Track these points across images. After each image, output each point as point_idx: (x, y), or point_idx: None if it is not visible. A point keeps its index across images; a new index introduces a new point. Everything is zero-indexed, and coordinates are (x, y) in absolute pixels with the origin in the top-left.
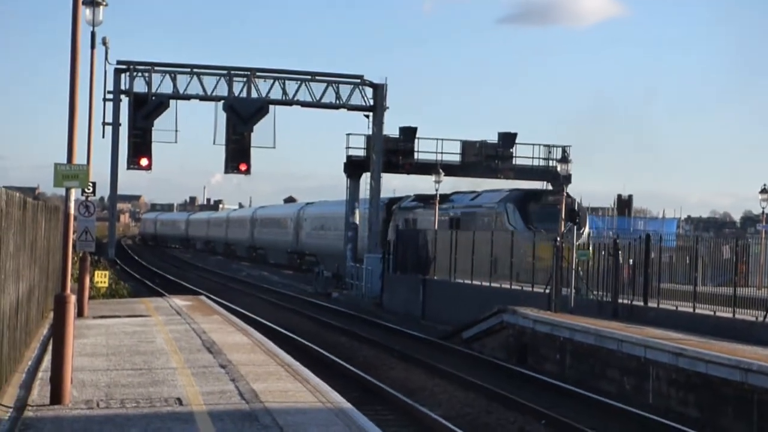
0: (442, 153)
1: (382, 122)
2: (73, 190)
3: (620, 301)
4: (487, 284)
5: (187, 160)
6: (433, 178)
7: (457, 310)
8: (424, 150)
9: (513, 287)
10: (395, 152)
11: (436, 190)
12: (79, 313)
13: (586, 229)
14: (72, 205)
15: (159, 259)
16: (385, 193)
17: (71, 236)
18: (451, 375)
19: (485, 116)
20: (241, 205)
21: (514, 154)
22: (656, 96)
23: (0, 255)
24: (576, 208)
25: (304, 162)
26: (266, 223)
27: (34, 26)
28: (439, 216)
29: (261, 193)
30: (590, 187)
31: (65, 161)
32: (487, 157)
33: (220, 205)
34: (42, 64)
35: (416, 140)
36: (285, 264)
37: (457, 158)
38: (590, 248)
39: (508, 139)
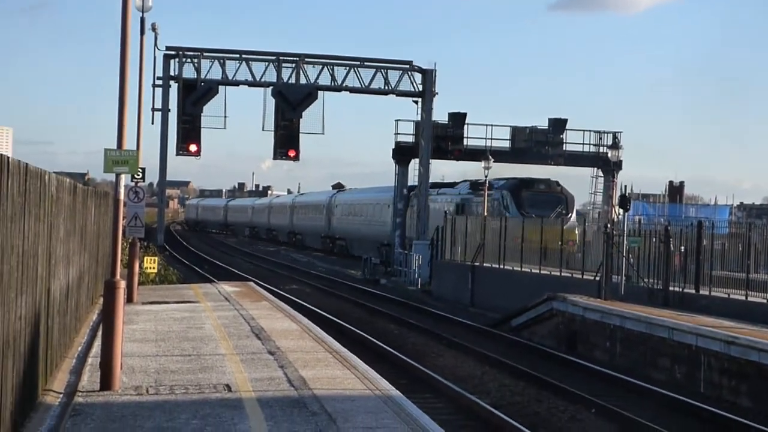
0: (491, 139)
1: (431, 108)
2: (122, 176)
3: (671, 288)
4: (537, 271)
5: (235, 146)
6: (482, 164)
7: (506, 297)
8: (473, 136)
9: (563, 274)
10: (444, 138)
11: (486, 176)
12: (129, 299)
13: (573, 216)
14: (122, 190)
15: (207, 244)
16: (434, 179)
17: (121, 222)
18: (500, 363)
19: (535, 102)
20: (289, 191)
21: (564, 140)
22: (708, 81)
23: (50, 240)
24: (563, 194)
25: (352, 148)
26: (303, 209)
27: (84, 13)
28: (446, 201)
29: (309, 179)
30: (641, 173)
31: (115, 147)
32: (537, 143)
33: (269, 191)
34: (91, 50)
35: (465, 126)
36: (320, 248)
37: (506, 144)
38: (631, 235)
39: (558, 125)
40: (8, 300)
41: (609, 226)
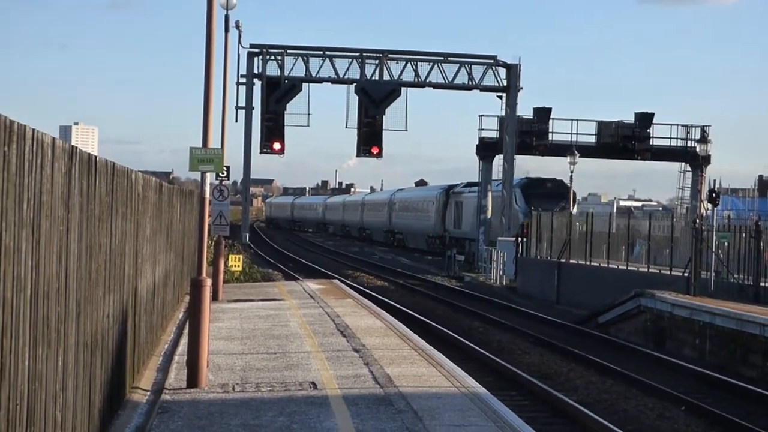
0: (576, 134)
1: (516, 103)
2: (207, 175)
3: (762, 284)
4: (624, 267)
5: (319, 143)
6: (567, 159)
7: (592, 294)
8: (558, 131)
9: (650, 270)
10: (529, 133)
11: (571, 172)
12: (214, 297)
13: (575, 210)
14: (207, 189)
15: (291, 242)
16: (519, 175)
17: (206, 220)
18: (587, 360)
19: (622, 96)
20: (372, 189)
21: (651, 135)
22: None
23: (137, 239)
24: (566, 191)
25: (436, 144)
26: (370, 206)
27: (170, 12)
28: (470, 199)
29: (393, 177)
30: (731, 167)
31: (200, 145)
32: (624, 138)
33: (352, 189)
34: (178, 50)
35: (550, 121)
36: (382, 241)
37: (592, 139)
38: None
39: (645, 119)
40: (96, 298)
41: (698, 221)
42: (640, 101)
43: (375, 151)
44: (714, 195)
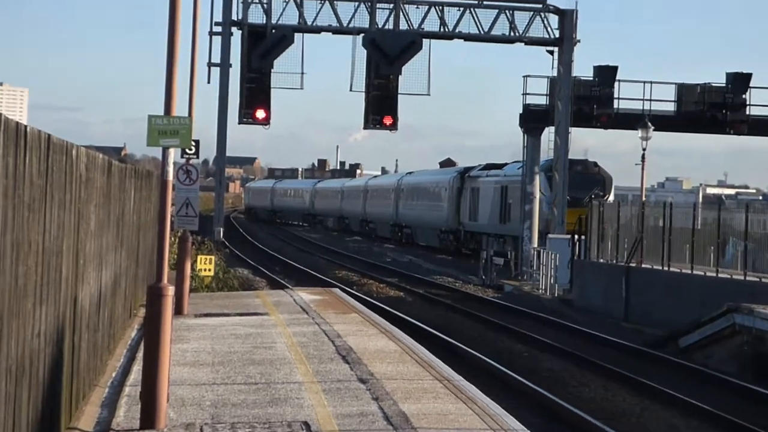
0: (650, 101)
1: (571, 60)
2: (171, 151)
3: None
4: (713, 274)
5: (315, 112)
6: (638, 134)
7: (671, 308)
8: (626, 97)
9: (748, 278)
10: (588, 100)
11: (644, 150)
12: (178, 311)
13: (611, 197)
14: (170, 170)
15: (279, 239)
16: (575, 155)
17: (169, 210)
18: (665, 396)
19: (710, 52)
20: (384, 171)
21: (747, 102)
22: None
23: (78, 234)
24: (600, 175)
25: (468, 114)
26: (375, 194)
27: None
28: (487, 184)
29: (411, 155)
30: None
31: (162, 113)
32: (712, 105)
33: (358, 171)
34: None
35: (616, 84)
36: (388, 237)
37: (670, 108)
38: None
39: (739, 82)
40: (24, 312)
41: None
42: (734, 59)
43: (388, 121)
44: None
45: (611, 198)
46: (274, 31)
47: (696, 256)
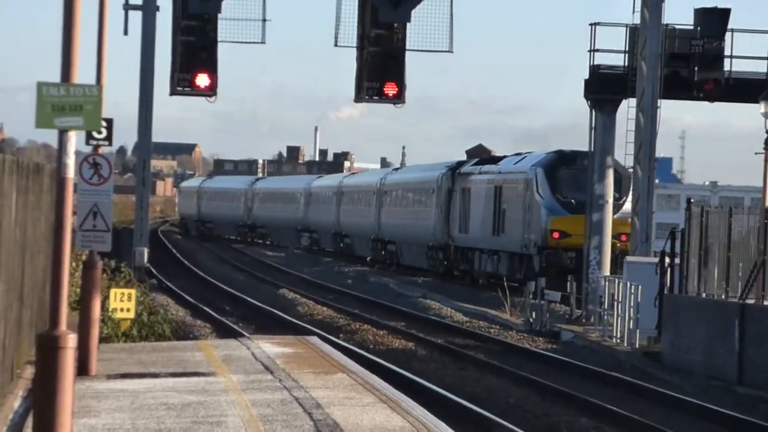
0: None
1: (661, 1)
2: (72, 135)
3: None
4: None
5: (284, 77)
6: (760, 108)
7: None
8: (741, 55)
9: None
10: (685, 59)
11: (767, 131)
12: (82, 370)
13: (628, 201)
14: (70, 163)
15: (227, 263)
16: (666, 140)
17: (69, 223)
18: None
19: None
20: (384, 163)
21: None
22: None
23: None
24: (616, 172)
25: (508, 81)
26: (351, 196)
27: None
28: (479, 183)
29: (426, 140)
30: None
31: (58, 80)
32: None
33: (346, 162)
34: None
35: (728, 35)
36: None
37: None
38: None
39: None
40: None
41: None
42: None
43: (391, 90)
44: None
45: (628, 202)
46: None
47: None
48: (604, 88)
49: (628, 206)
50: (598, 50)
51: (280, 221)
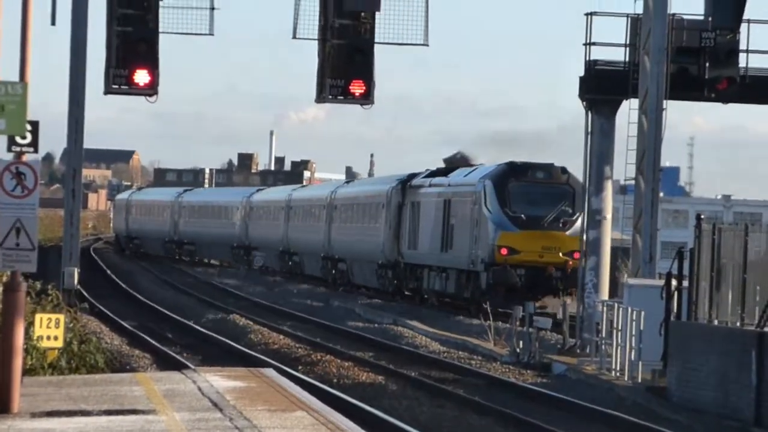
0: None
1: None
2: None
3: None
4: None
5: (235, 75)
6: None
7: None
8: (759, 49)
9: None
10: (695, 54)
11: None
12: (2, 407)
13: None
14: None
15: (170, 286)
16: (672, 147)
17: None
18: None
19: None
20: (350, 175)
21: None
22: None
23: None
24: (570, 186)
25: (495, 80)
26: (300, 211)
27: None
28: (429, 197)
29: (399, 146)
30: None
31: None
32: None
33: (306, 172)
34: None
35: (745, 27)
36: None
37: None
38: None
39: None
40: None
41: None
42: None
43: (358, 89)
44: None
45: (580, 219)
46: None
47: None
48: (601, 87)
49: (581, 222)
50: (594, 43)
51: (211, 237)
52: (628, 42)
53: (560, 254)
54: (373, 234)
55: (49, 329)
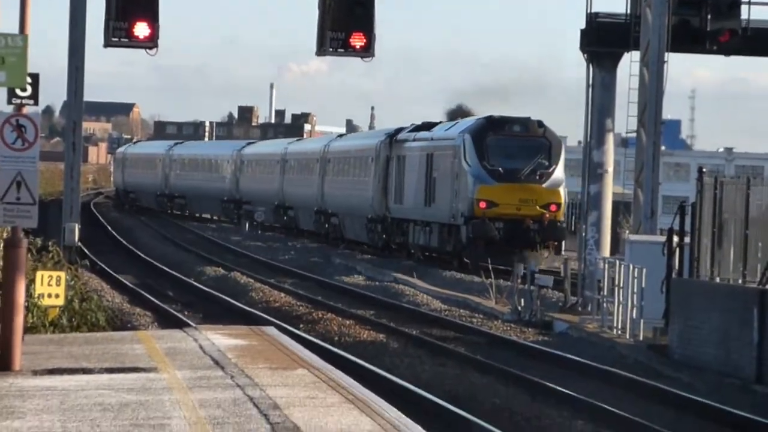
0: None
1: None
2: None
3: None
4: None
5: (235, 27)
6: None
7: None
8: (762, 0)
9: None
10: (697, 5)
11: None
12: (3, 365)
13: (559, 168)
14: None
15: (171, 242)
16: (674, 100)
17: None
18: None
19: None
20: (349, 126)
21: None
22: None
23: None
24: (546, 138)
25: (497, 32)
26: (295, 163)
27: None
28: (414, 151)
29: (400, 99)
30: None
31: None
32: None
33: (307, 125)
34: None
35: None
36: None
37: None
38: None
39: None
40: None
41: None
42: None
43: (359, 41)
44: None
45: (559, 170)
46: None
47: None
48: (603, 40)
49: (557, 175)
50: None
51: (201, 191)
52: None
53: (537, 207)
54: (363, 188)
55: (50, 287)
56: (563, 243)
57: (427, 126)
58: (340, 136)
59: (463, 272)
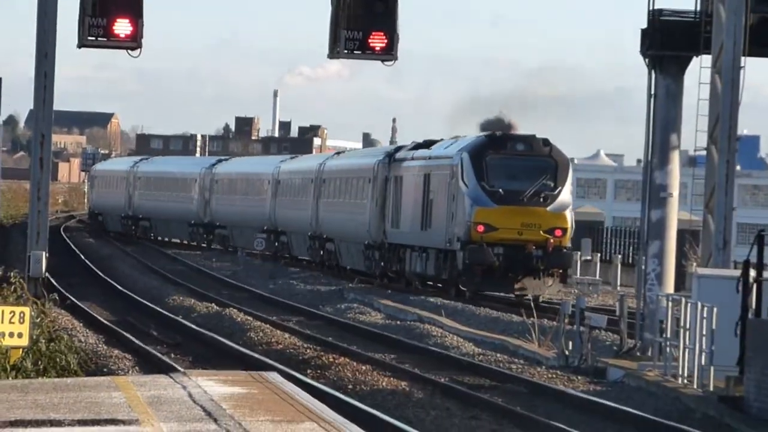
0: None
1: None
2: None
3: None
4: None
5: (233, 25)
6: None
7: None
8: None
9: None
10: None
11: None
12: None
13: (566, 190)
14: None
15: (153, 272)
16: (752, 112)
17: None
18: None
19: None
20: (366, 141)
21: None
22: None
23: None
24: (552, 158)
25: (543, 33)
26: (289, 185)
27: None
28: (411, 170)
29: (428, 110)
30: None
31: None
32: None
33: (317, 140)
34: None
35: None
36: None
37: None
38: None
39: None
40: None
41: None
42: None
43: (378, 43)
44: None
45: (565, 193)
46: None
47: None
48: (667, 42)
49: (564, 197)
50: None
51: (167, 213)
52: None
53: (541, 231)
54: (359, 212)
55: (12, 324)
56: (569, 271)
57: (428, 144)
58: (338, 153)
59: (500, 311)
